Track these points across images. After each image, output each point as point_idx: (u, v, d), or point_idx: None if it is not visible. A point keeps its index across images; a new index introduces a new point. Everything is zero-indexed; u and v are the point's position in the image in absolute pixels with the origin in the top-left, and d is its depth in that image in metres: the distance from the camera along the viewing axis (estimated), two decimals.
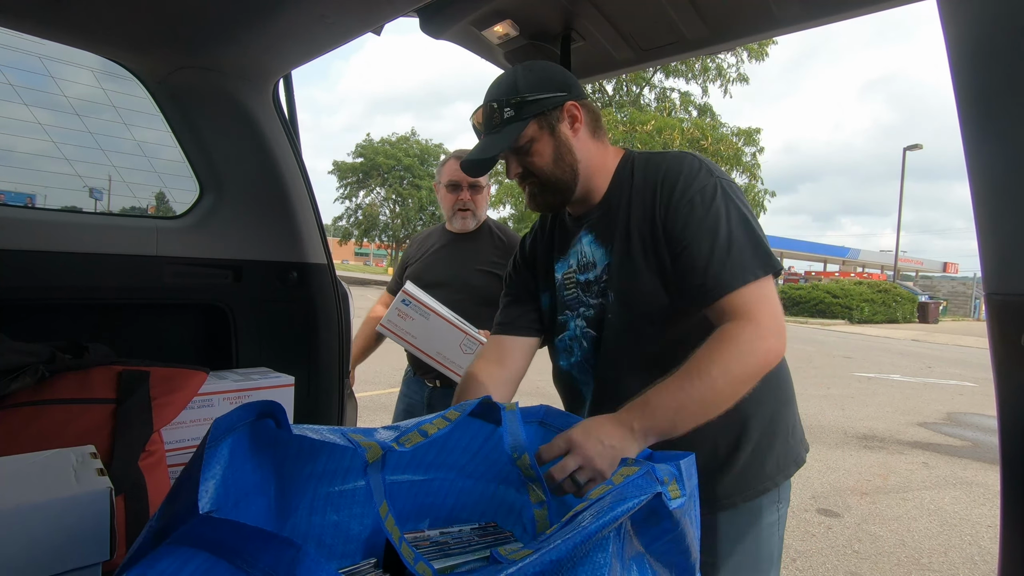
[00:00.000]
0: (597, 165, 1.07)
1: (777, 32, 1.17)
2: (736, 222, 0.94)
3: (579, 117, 1.04)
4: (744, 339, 0.87)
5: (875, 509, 3.49)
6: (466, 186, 1.93)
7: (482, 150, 1.03)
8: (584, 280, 1.08)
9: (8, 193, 2.73)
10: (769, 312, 0.90)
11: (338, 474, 0.72)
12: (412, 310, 1.67)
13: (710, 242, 0.92)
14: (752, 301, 0.90)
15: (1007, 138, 0.64)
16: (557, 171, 1.04)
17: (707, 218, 0.94)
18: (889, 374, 9.01)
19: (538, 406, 0.88)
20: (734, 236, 0.93)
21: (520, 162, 1.04)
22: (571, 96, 1.03)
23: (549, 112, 1.02)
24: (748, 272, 0.91)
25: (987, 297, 0.68)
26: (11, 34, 1.28)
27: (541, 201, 1.08)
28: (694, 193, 0.95)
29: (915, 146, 25.39)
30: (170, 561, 0.42)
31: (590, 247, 1.08)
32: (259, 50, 1.36)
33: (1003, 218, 0.66)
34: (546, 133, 1.02)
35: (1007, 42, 0.62)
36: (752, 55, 16.73)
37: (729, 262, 0.91)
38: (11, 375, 0.92)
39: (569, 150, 1.04)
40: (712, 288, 0.91)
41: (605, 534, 0.50)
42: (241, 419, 0.57)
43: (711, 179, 0.97)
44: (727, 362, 0.85)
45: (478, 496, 0.85)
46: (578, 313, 1.09)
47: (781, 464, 1.06)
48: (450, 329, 1.70)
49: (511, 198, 20.26)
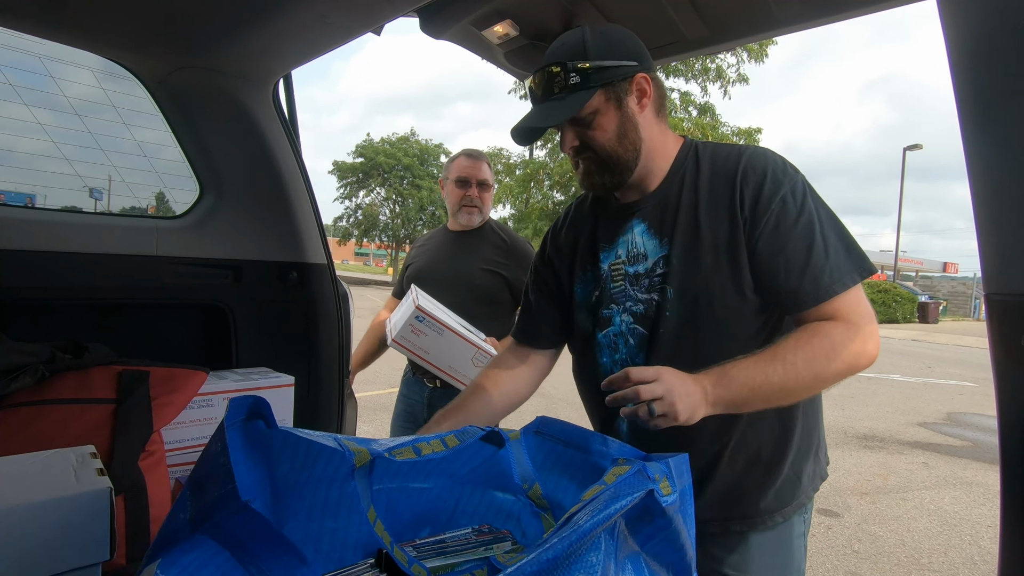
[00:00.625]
0: (658, 147, 0.99)
1: (777, 32, 1.17)
2: (828, 224, 0.90)
3: (647, 92, 0.95)
4: (838, 337, 0.85)
5: (875, 509, 3.49)
6: (475, 183, 1.94)
7: (541, 117, 0.94)
8: (633, 272, 0.99)
9: (8, 193, 2.73)
10: (867, 315, 0.88)
11: (336, 480, 0.72)
12: (426, 326, 1.63)
13: (807, 246, 0.88)
14: (851, 305, 0.88)
15: (1007, 138, 0.64)
16: (619, 149, 0.95)
17: (800, 219, 0.89)
18: (889, 374, 9.01)
19: (535, 420, 0.88)
20: (829, 240, 0.89)
21: (579, 135, 0.95)
22: (642, 67, 0.95)
23: (618, 83, 0.93)
24: (847, 277, 0.88)
25: (987, 297, 0.68)
26: (11, 34, 1.28)
27: (597, 180, 0.99)
28: (785, 192, 0.90)
29: (915, 146, 25.37)
30: (196, 555, 0.43)
31: (642, 238, 0.99)
32: (259, 50, 1.36)
33: (1003, 218, 0.66)
34: (612, 106, 0.93)
35: (1007, 42, 0.62)
36: (752, 55, 16.72)
37: (828, 267, 0.87)
38: (11, 375, 0.92)
39: (635, 127, 0.95)
40: (810, 293, 0.88)
41: (598, 533, 0.50)
42: (236, 416, 0.57)
43: (797, 177, 0.92)
44: (815, 355, 0.83)
45: (477, 502, 0.85)
46: (624, 308, 1.00)
47: (814, 478, 1.04)
48: (463, 344, 1.68)
49: (510, 198, 20.27)
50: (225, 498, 0.46)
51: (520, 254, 1.97)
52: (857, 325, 0.86)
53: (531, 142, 1.00)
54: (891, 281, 25.21)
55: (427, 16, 1.26)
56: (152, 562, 0.44)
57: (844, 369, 0.85)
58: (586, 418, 1.15)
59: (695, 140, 1.03)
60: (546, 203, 19.80)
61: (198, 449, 1.15)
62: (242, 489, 0.46)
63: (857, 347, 0.85)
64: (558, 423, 0.87)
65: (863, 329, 0.87)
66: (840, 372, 0.85)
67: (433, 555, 0.71)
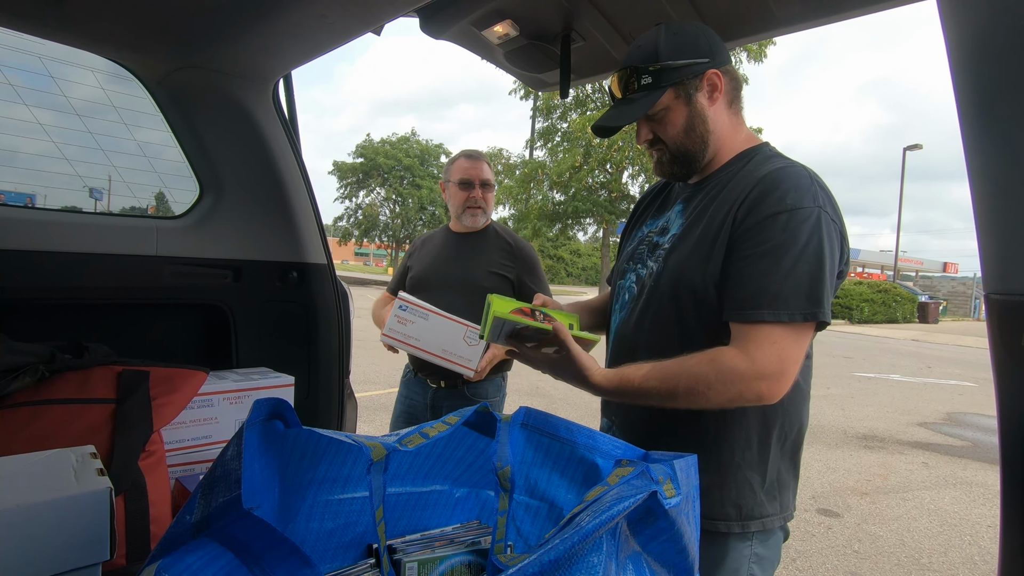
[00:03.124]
0: (727, 138, 1.04)
1: (777, 32, 1.17)
2: (808, 260, 0.87)
3: (719, 86, 1.00)
4: (728, 370, 0.86)
5: (875, 509, 3.49)
6: (478, 184, 1.94)
7: (614, 118, 1.01)
8: (655, 242, 1.08)
9: (8, 193, 2.73)
10: (776, 358, 0.86)
11: (338, 482, 0.72)
12: (410, 314, 1.70)
13: (772, 263, 0.88)
14: (767, 341, 0.86)
15: (1007, 138, 0.64)
16: (687, 141, 1.02)
17: (782, 238, 0.88)
18: (889, 374, 9.01)
19: (518, 409, 0.88)
20: (797, 271, 0.87)
21: (651, 129, 1.03)
22: (714, 63, 1.00)
23: (688, 80, 0.99)
24: (786, 312, 0.86)
25: (987, 297, 0.68)
26: (11, 34, 1.28)
27: (668, 169, 1.06)
28: (785, 213, 0.89)
29: (915, 146, 25.38)
30: (199, 556, 0.43)
31: (676, 215, 1.07)
32: (259, 50, 1.36)
33: (1003, 218, 0.65)
34: (682, 102, 1.00)
35: (1007, 42, 0.62)
36: (751, 56, 16.72)
37: (773, 292, 0.87)
38: (11, 375, 0.92)
39: (703, 120, 1.01)
40: (745, 306, 0.88)
41: (600, 534, 0.50)
42: (256, 416, 0.57)
43: (812, 209, 0.89)
44: (697, 381, 0.87)
45: (471, 505, 0.86)
46: (635, 269, 1.10)
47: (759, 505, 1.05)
48: (451, 325, 1.71)
49: (510, 199, 20.28)
50: (232, 503, 0.46)
51: (525, 256, 1.97)
52: (755, 363, 0.86)
53: (607, 135, 1.07)
54: (891, 281, 25.21)
55: (427, 16, 1.26)
56: (154, 562, 0.45)
57: (722, 402, 0.89)
58: (586, 418, 1.16)
59: (768, 147, 1.05)
60: (545, 203, 19.81)
61: (198, 449, 1.15)
62: (247, 496, 0.47)
63: (744, 387, 0.86)
64: (542, 415, 0.87)
65: (762, 371, 0.86)
66: (718, 404, 0.89)
67: (421, 548, 0.72)
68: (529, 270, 1.95)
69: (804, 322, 0.88)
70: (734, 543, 0.99)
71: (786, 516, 1.03)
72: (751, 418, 0.98)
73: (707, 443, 0.98)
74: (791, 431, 1.02)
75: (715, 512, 0.98)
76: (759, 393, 0.87)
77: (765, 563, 1.02)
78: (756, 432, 0.98)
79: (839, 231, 0.93)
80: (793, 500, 1.05)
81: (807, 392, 1.04)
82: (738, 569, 0.99)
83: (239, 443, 0.52)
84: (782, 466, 1.02)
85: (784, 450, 1.01)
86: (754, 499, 0.99)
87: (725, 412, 0.97)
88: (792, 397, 0.97)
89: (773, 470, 1.00)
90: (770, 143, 1.07)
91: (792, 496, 1.05)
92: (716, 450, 0.98)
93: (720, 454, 0.98)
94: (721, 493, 0.98)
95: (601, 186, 19.37)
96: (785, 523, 1.04)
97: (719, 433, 0.98)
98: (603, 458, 0.74)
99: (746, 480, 0.98)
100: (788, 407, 0.99)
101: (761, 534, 1.00)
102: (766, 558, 1.02)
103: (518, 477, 0.78)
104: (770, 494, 1.00)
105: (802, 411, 1.03)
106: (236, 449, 0.52)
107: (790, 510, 1.04)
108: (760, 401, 0.88)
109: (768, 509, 1.00)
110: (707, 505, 0.98)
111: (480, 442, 0.81)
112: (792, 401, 0.98)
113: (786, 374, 0.88)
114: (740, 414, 0.97)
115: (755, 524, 0.98)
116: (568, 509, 0.76)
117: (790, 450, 1.03)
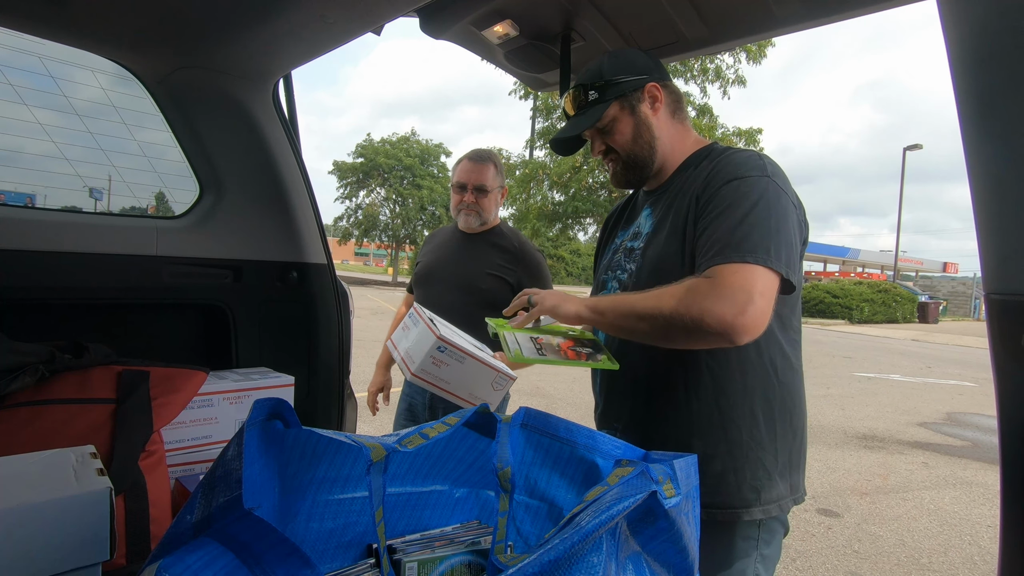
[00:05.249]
0: (674, 144, 1.13)
1: (777, 32, 1.17)
2: (763, 210, 0.93)
3: (659, 97, 1.11)
4: (693, 285, 0.90)
5: (875, 509, 3.49)
6: (471, 188, 1.96)
7: (568, 130, 1.13)
8: (629, 247, 1.15)
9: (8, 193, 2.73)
10: (738, 286, 0.87)
11: (338, 482, 0.72)
12: (448, 356, 1.58)
13: (728, 217, 0.93)
14: (729, 272, 0.89)
15: (1007, 138, 0.64)
16: (636, 148, 1.11)
17: (739, 198, 0.95)
18: (889, 374, 9.01)
19: (518, 410, 0.88)
20: (754, 218, 0.92)
21: (603, 140, 1.13)
22: (652, 78, 1.10)
23: (631, 93, 1.09)
24: (746, 253, 0.89)
25: (987, 297, 0.68)
26: (12, 34, 1.28)
27: (623, 178, 1.15)
28: (741, 177, 0.96)
29: (915, 146, 25.38)
30: (199, 555, 0.43)
31: (646, 220, 1.14)
32: (259, 50, 1.36)
33: (1003, 218, 0.66)
34: (627, 112, 1.10)
35: (1007, 42, 0.62)
36: (751, 56, 16.70)
37: (734, 239, 0.91)
38: (11, 375, 0.92)
39: (648, 128, 1.11)
40: (707, 255, 0.93)
41: (600, 534, 0.50)
42: (256, 416, 0.57)
43: (763, 177, 0.96)
44: (665, 292, 0.92)
45: (471, 505, 0.86)
46: (615, 276, 1.16)
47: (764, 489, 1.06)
48: (484, 370, 1.63)
49: (509, 198, 20.29)
50: (233, 502, 0.46)
51: (529, 261, 1.97)
52: (716, 289, 0.87)
53: (566, 152, 1.19)
54: (891, 281, 25.22)
55: (427, 16, 1.26)
56: (154, 562, 0.45)
57: (688, 322, 0.88)
58: (586, 418, 1.17)
59: (718, 145, 1.12)
60: (545, 204, 19.82)
61: (198, 449, 1.15)
62: (247, 495, 0.47)
63: (708, 304, 0.87)
64: (542, 415, 0.87)
65: (727, 293, 0.87)
66: (684, 326, 0.89)
67: (421, 548, 0.72)
68: (531, 274, 1.95)
69: (760, 265, 0.89)
70: (740, 544, 1.00)
71: (797, 498, 1.06)
72: (752, 393, 1.00)
73: (713, 422, 1.00)
74: (793, 407, 1.04)
75: (735, 500, 0.99)
76: (721, 315, 0.86)
77: (768, 562, 1.04)
78: (761, 409, 1.01)
79: (792, 200, 0.98)
80: (803, 480, 1.08)
81: (799, 368, 1.07)
82: (744, 570, 1.01)
83: (240, 443, 0.52)
84: (792, 447, 1.04)
85: (791, 427, 1.04)
86: (769, 481, 1.01)
87: (724, 387, 0.99)
88: (783, 370, 1.02)
89: (784, 451, 1.03)
90: (719, 143, 1.14)
91: (802, 476, 1.08)
92: (723, 428, 1.00)
93: (727, 432, 1.00)
94: (737, 477, 0.99)
95: (601, 186, 19.37)
96: (795, 504, 1.06)
97: (722, 410, 1.00)
98: (603, 458, 0.74)
99: (759, 460, 1.00)
100: (782, 379, 1.02)
101: (766, 533, 1.02)
102: (769, 557, 1.04)
103: (518, 477, 0.78)
104: (783, 475, 1.03)
105: (796, 384, 1.06)
106: (237, 449, 0.52)
107: (801, 491, 1.07)
108: (724, 330, 0.86)
109: (782, 491, 1.03)
110: (725, 493, 0.99)
111: (480, 442, 0.81)
112: (784, 373, 1.02)
113: (751, 304, 0.86)
114: (740, 389, 1.00)
115: (774, 508, 1.01)
116: (568, 509, 0.76)
117: (798, 427, 1.05)
